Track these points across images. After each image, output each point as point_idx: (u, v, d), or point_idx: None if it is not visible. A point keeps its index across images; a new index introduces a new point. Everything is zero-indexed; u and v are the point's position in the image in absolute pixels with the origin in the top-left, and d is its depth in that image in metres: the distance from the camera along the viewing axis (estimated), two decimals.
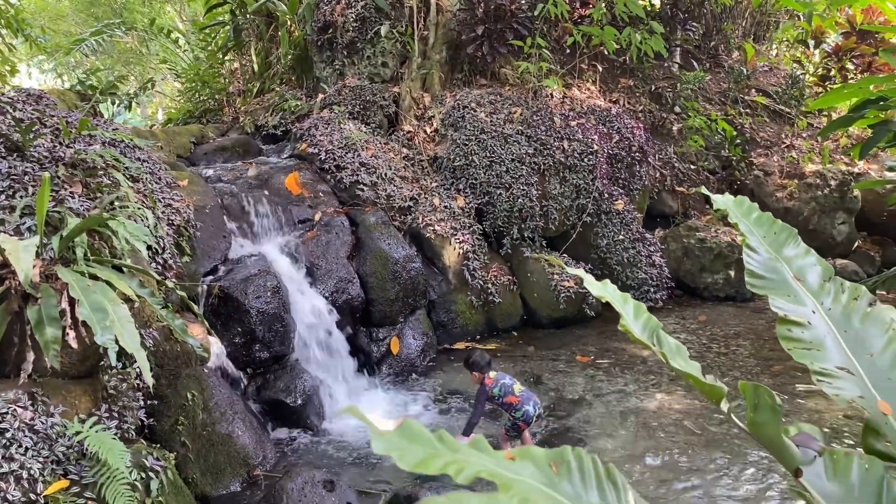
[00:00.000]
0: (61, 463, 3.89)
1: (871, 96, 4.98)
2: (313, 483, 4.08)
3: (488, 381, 4.83)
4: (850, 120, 5.20)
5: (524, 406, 4.75)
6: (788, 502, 4.07)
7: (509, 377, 4.90)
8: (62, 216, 4.09)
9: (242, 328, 5.52)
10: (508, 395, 4.77)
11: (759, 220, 1.80)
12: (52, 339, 3.60)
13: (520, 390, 4.80)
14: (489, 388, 4.80)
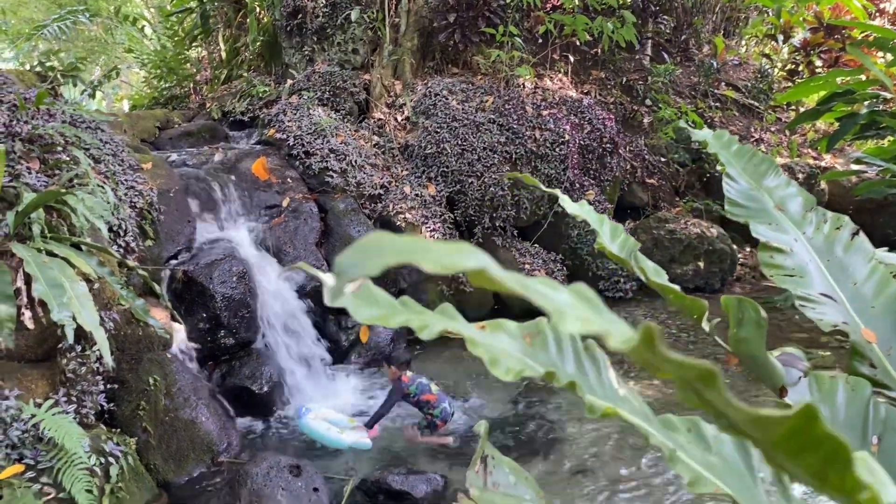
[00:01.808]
0: (16, 447, 3.74)
1: (837, 90, 5.01)
2: (279, 468, 3.98)
3: (405, 378, 4.86)
4: (817, 113, 5.23)
5: (441, 404, 4.79)
6: None
7: (426, 378, 4.92)
8: (18, 192, 3.93)
9: (207, 314, 5.39)
10: (425, 394, 4.81)
11: (738, 151, 1.76)
12: (5, 318, 3.46)
13: (436, 390, 4.85)
14: (405, 386, 4.82)
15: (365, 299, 0.85)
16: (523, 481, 1.23)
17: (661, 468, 4.33)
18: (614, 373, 1.12)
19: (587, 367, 1.11)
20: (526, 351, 1.01)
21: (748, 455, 1.11)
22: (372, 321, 0.82)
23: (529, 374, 0.93)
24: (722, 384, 0.62)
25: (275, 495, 3.82)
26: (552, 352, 1.08)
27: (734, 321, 1.36)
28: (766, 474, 1.10)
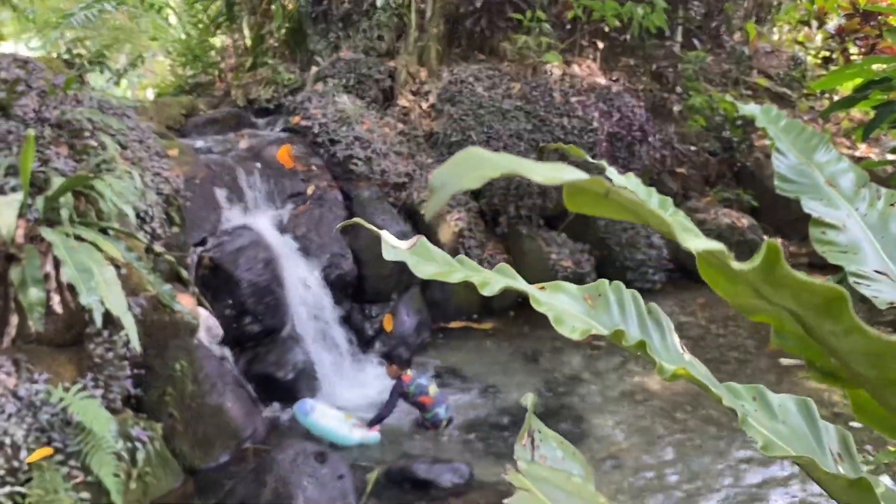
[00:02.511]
0: (45, 431, 3.77)
1: (873, 77, 4.86)
2: (305, 455, 3.97)
3: (405, 377, 4.89)
4: (852, 101, 5.08)
5: (435, 408, 4.82)
6: (793, 485, 3.99)
7: (426, 378, 4.96)
8: (47, 177, 3.94)
9: (233, 300, 5.38)
10: (422, 395, 4.84)
11: (788, 126, 1.69)
12: (36, 301, 3.47)
13: (434, 392, 4.87)
14: (405, 385, 4.86)
15: (423, 256, 0.81)
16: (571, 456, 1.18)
17: (687, 460, 4.26)
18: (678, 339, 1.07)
19: (651, 329, 1.06)
20: (588, 312, 0.96)
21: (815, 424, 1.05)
22: (432, 277, 0.79)
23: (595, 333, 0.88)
24: (850, 308, 0.57)
25: (301, 482, 3.80)
26: (615, 313, 1.03)
27: None
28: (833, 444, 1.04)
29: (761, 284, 0.57)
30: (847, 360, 0.62)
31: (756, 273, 0.56)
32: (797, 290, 0.56)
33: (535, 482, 0.96)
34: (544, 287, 0.92)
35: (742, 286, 0.60)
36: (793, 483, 3.95)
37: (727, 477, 4.06)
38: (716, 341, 6.36)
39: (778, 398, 1.06)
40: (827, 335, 0.61)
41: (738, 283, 0.62)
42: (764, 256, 0.55)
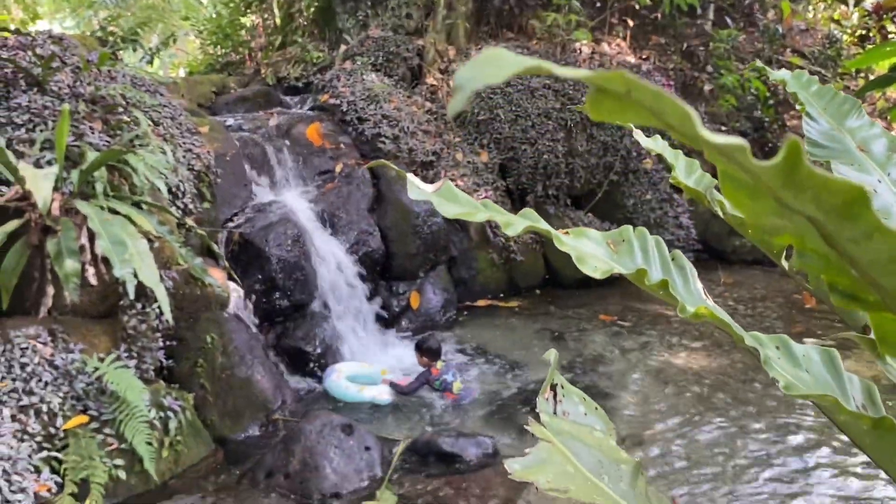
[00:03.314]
0: (81, 399, 3.88)
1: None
2: (332, 426, 4.04)
3: (434, 371, 5.00)
4: (888, 80, 4.98)
5: (460, 402, 4.91)
6: (823, 470, 3.97)
7: (452, 373, 5.00)
8: (82, 151, 4.02)
9: (263, 276, 5.47)
10: (447, 391, 4.95)
11: (819, 91, 1.68)
12: (71, 272, 3.56)
13: (458, 388, 4.93)
14: (432, 378, 4.98)
15: (448, 197, 0.83)
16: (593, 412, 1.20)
17: (711, 438, 4.26)
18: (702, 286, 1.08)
19: (674, 273, 1.07)
20: (611, 256, 0.98)
21: (839, 374, 1.06)
22: (456, 216, 0.81)
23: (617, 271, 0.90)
24: (871, 207, 0.58)
25: (327, 453, 3.87)
26: (638, 257, 1.05)
27: None
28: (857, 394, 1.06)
29: (782, 189, 0.58)
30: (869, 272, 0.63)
31: (777, 172, 0.56)
32: (818, 190, 0.57)
33: (557, 435, 0.98)
34: (568, 232, 0.94)
35: (763, 201, 0.61)
36: (821, 468, 3.94)
37: (752, 456, 4.05)
38: (743, 321, 6.29)
39: (802, 348, 1.07)
40: (848, 243, 0.62)
41: (760, 198, 0.62)
42: (785, 154, 0.56)
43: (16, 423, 3.49)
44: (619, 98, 0.58)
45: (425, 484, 3.86)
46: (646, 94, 0.57)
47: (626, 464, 1.01)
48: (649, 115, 0.59)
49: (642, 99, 0.57)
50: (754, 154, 2.05)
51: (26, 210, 3.66)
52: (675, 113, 0.57)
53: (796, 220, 0.63)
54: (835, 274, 0.68)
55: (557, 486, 0.96)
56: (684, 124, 0.58)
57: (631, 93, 0.57)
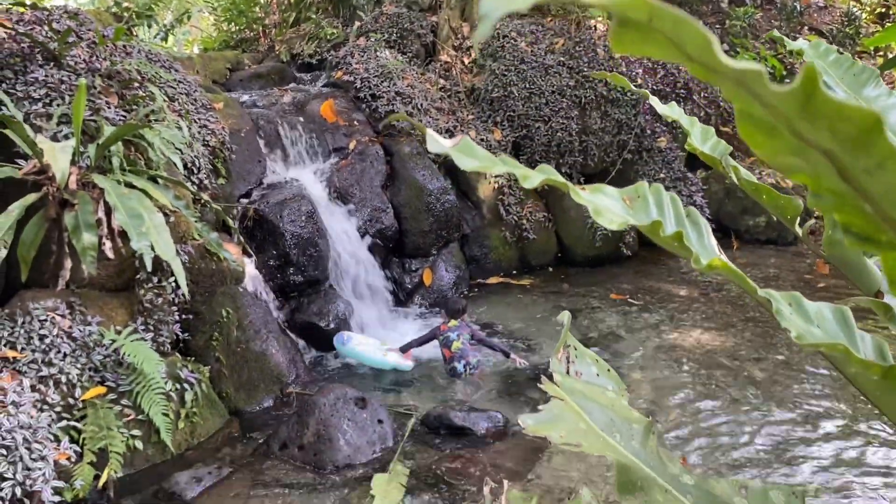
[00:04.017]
0: (98, 370, 3.94)
1: None
2: (345, 399, 4.09)
3: (443, 326, 5.13)
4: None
5: (453, 363, 5.01)
6: (833, 442, 3.98)
7: (457, 333, 5.09)
8: (98, 125, 4.05)
9: (277, 251, 5.51)
10: (445, 348, 5.06)
11: (837, 60, 1.67)
12: (89, 246, 3.60)
13: (456, 347, 5.03)
14: (440, 333, 5.12)
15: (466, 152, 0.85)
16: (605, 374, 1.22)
17: (720, 416, 4.28)
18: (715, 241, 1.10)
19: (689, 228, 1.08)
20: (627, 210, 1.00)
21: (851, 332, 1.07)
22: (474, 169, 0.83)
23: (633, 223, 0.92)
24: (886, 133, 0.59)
25: (341, 425, 3.93)
26: (653, 212, 1.06)
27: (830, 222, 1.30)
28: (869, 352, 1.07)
29: (798, 118, 0.59)
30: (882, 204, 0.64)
31: (794, 99, 0.57)
32: (834, 118, 0.57)
33: (569, 394, 1.00)
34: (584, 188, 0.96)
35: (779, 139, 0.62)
36: (829, 442, 3.95)
37: (762, 433, 4.07)
38: (755, 301, 6.30)
39: (815, 305, 1.08)
40: (862, 174, 0.62)
41: (776, 136, 0.63)
42: (802, 79, 0.57)
43: (35, 394, 3.56)
44: (641, 28, 0.60)
45: (436, 456, 3.91)
46: (667, 19, 0.58)
47: (637, 423, 1.03)
48: (669, 45, 0.61)
49: (663, 26, 0.58)
50: None
51: (44, 184, 3.70)
52: (694, 39, 0.58)
53: (812, 157, 0.64)
54: (849, 213, 0.69)
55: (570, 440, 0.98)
56: (703, 51, 0.59)
57: (652, 20, 0.58)
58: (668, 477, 0.96)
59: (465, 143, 0.85)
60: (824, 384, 4.62)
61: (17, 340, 3.73)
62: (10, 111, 3.76)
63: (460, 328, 5.14)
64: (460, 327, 5.16)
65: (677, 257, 7.64)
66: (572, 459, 3.78)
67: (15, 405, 3.29)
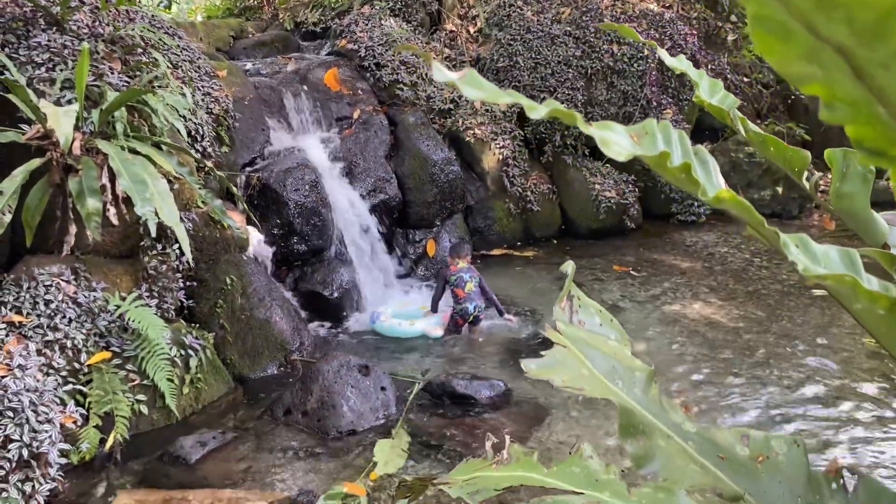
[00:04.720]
0: (104, 336, 3.97)
1: None
2: (349, 367, 4.12)
3: (452, 267, 5.29)
4: None
5: (465, 303, 5.13)
6: (828, 408, 4.01)
7: (469, 275, 5.21)
8: (102, 91, 4.04)
9: (281, 220, 5.51)
10: (457, 288, 5.18)
11: None
12: (93, 211, 3.60)
13: (469, 289, 5.14)
14: (449, 274, 5.28)
15: (472, 83, 0.85)
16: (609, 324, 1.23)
17: (721, 384, 4.30)
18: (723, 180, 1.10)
19: (696, 164, 1.08)
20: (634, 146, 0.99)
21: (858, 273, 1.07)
22: (480, 99, 0.83)
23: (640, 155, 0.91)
24: None
25: (344, 392, 3.96)
26: (660, 145, 1.06)
27: (837, 175, 1.30)
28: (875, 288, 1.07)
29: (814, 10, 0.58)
30: None
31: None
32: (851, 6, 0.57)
33: (572, 342, 1.01)
34: (591, 124, 0.95)
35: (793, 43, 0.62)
36: (828, 408, 3.98)
37: (762, 404, 4.09)
38: (759, 274, 6.30)
39: (821, 247, 1.08)
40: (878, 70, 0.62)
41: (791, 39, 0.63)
42: None
43: (41, 358, 3.58)
44: None
45: (439, 423, 3.95)
46: None
47: (640, 371, 1.04)
48: None
49: None
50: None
51: (48, 149, 3.70)
52: None
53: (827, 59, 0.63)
54: (863, 123, 0.68)
55: (572, 385, 0.99)
56: None
57: None
58: (670, 424, 0.97)
59: (471, 75, 0.85)
60: (827, 356, 4.63)
61: (22, 305, 3.75)
62: (13, 76, 3.74)
63: (471, 270, 5.24)
64: (471, 269, 5.26)
65: (681, 230, 7.67)
66: (573, 426, 3.81)
67: (21, 368, 3.32)
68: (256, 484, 3.45)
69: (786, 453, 1.05)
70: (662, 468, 0.98)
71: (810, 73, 0.67)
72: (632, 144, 0.96)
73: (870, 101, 0.65)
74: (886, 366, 4.45)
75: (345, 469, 3.53)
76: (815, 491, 1.04)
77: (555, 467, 1.05)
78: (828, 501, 1.01)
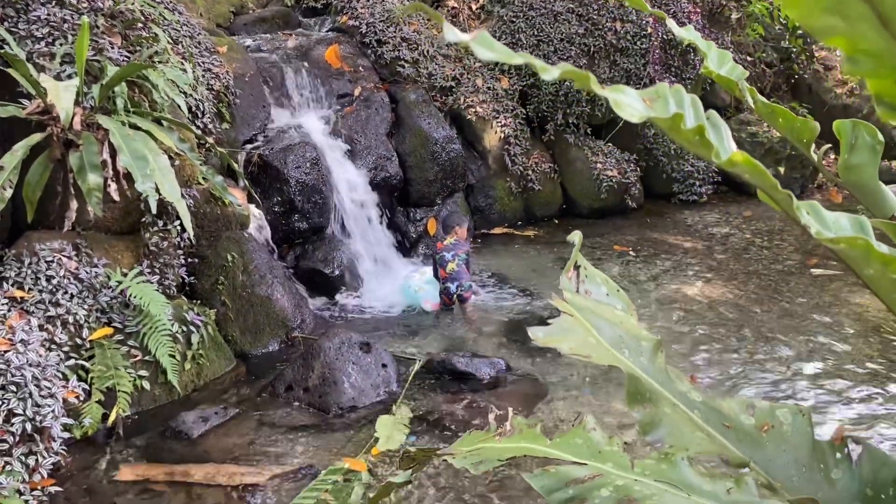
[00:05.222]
0: (105, 312, 3.98)
1: None
2: (350, 343, 4.13)
3: (439, 245, 5.36)
4: None
5: (447, 283, 5.17)
6: (829, 385, 4.03)
7: (452, 253, 5.20)
8: (102, 66, 4.01)
9: (282, 198, 5.50)
10: (441, 267, 5.22)
11: None
12: (94, 186, 3.60)
13: (451, 269, 5.15)
14: (437, 251, 5.36)
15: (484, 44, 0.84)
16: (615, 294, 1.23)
17: (721, 364, 4.32)
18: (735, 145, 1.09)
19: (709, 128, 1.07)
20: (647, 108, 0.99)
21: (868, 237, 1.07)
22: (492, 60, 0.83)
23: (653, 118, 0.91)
24: None
25: (346, 368, 3.98)
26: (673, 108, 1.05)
27: (846, 146, 1.29)
28: None
29: None
30: None
31: None
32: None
33: (579, 311, 1.01)
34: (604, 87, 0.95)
35: None
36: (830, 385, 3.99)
37: (764, 382, 4.11)
38: (760, 254, 6.30)
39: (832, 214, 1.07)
40: None
41: None
42: None
43: (43, 333, 3.59)
44: None
45: (439, 400, 3.97)
46: None
47: (646, 340, 1.04)
48: None
49: None
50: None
51: (48, 124, 3.68)
52: None
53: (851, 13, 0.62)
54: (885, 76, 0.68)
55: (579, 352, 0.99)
56: None
57: None
58: (676, 393, 0.97)
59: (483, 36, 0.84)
60: (828, 334, 4.64)
61: (24, 281, 3.76)
62: (13, 50, 3.72)
63: (457, 247, 5.24)
64: (457, 246, 5.24)
65: (682, 209, 7.66)
66: (573, 404, 3.84)
67: (23, 343, 3.33)
68: (258, 459, 3.48)
69: (791, 423, 1.06)
70: (668, 435, 0.99)
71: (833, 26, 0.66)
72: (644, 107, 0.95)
73: (893, 52, 0.65)
74: (888, 343, 4.47)
75: (346, 444, 3.56)
76: (819, 459, 1.05)
77: (557, 439, 1.06)
78: (832, 470, 1.02)
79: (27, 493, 3.03)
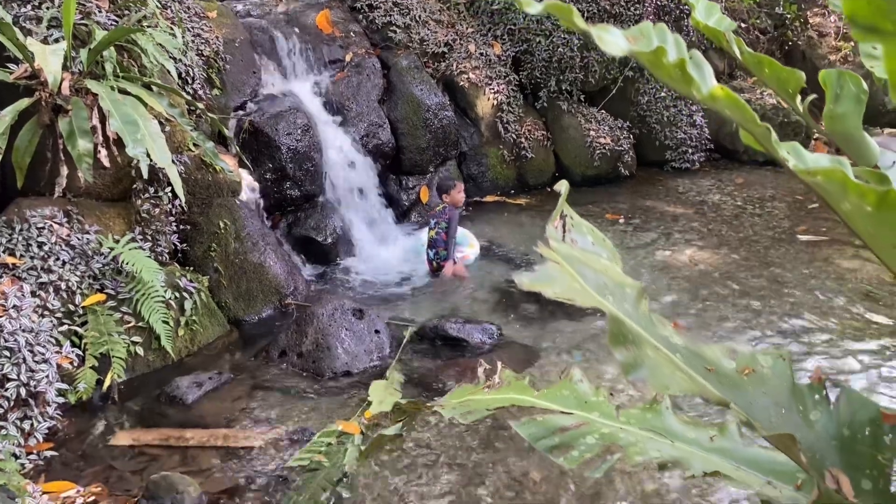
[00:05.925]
0: (98, 278, 3.98)
1: None
2: (343, 310, 4.16)
3: (432, 211, 5.57)
4: None
5: (428, 249, 5.36)
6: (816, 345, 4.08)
7: (435, 221, 5.34)
8: (90, 29, 3.96)
9: (273, 165, 5.48)
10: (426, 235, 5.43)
11: None
12: (84, 152, 3.58)
13: (431, 236, 5.32)
14: (430, 217, 5.53)
15: None
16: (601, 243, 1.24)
17: (710, 328, 4.36)
18: None
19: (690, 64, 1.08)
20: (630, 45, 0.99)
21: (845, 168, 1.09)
22: None
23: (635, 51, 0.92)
24: None
25: (339, 334, 4.00)
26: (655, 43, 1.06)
27: (831, 96, 1.29)
28: None
29: None
30: None
31: None
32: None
33: (565, 259, 1.02)
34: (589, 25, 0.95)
35: None
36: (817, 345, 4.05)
37: (751, 344, 4.16)
38: (751, 220, 6.33)
39: (813, 154, 1.08)
40: None
41: None
42: None
43: (36, 299, 3.60)
44: None
45: (432, 364, 4.01)
46: None
47: (630, 287, 1.05)
48: None
49: None
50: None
51: (36, 88, 3.65)
52: None
53: None
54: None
55: (564, 296, 1.01)
56: None
57: None
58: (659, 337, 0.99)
59: None
60: (815, 303, 4.69)
61: (15, 247, 3.75)
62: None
63: (440, 215, 5.29)
64: (441, 214, 5.31)
65: (675, 177, 7.67)
66: (564, 368, 3.87)
67: (16, 309, 3.33)
68: (252, 422, 3.51)
69: (771, 366, 1.08)
70: (650, 375, 1.01)
71: None
72: (627, 42, 0.96)
73: None
74: (876, 306, 4.52)
75: (340, 408, 3.59)
76: (798, 401, 1.07)
77: (545, 390, 1.08)
78: (811, 411, 1.05)
79: (23, 457, 3.06)
